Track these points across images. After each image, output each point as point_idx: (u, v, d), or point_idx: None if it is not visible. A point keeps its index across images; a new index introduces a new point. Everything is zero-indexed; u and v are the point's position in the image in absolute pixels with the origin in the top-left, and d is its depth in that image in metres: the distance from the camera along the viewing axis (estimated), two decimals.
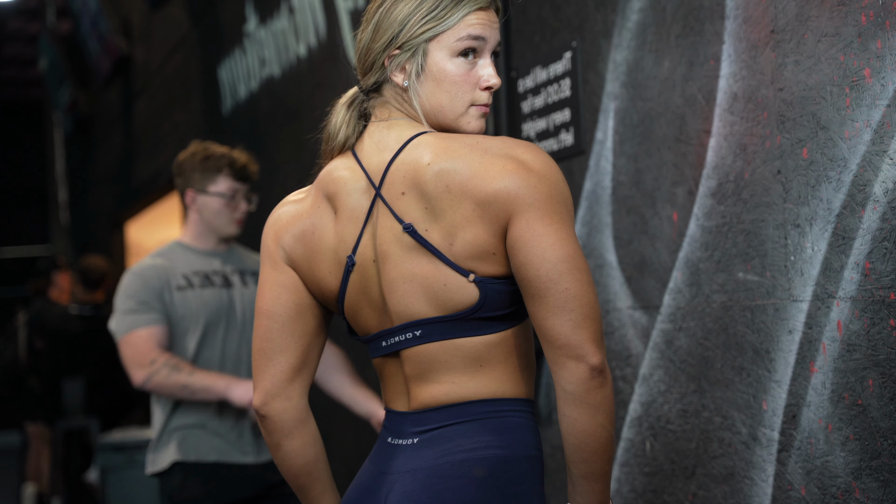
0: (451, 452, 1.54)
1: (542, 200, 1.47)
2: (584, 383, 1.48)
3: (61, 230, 11.25)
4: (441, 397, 1.56)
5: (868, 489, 1.73)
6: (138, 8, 7.44)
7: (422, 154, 1.53)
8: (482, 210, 1.49)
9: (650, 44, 2.30)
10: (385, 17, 1.56)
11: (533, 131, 2.78)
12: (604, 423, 1.49)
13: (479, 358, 1.56)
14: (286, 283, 1.63)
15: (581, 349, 1.47)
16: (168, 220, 8.10)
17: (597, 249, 2.52)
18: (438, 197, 1.50)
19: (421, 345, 1.56)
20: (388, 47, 1.56)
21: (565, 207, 1.49)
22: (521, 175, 1.48)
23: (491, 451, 1.53)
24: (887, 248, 1.68)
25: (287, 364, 1.63)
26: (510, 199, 1.47)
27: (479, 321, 1.55)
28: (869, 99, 1.71)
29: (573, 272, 1.48)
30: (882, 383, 1.70)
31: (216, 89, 5.72)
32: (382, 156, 1.56)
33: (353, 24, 3.86)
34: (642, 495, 2.35)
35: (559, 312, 1.48)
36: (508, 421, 1.56)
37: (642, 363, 2.35)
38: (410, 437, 1.57)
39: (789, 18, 1.89)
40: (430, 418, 1.57)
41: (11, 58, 12.37)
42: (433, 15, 1.54)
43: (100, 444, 5.04)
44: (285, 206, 1.67)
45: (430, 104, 1.57)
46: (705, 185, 2.13)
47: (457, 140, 1.54)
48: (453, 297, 1.53)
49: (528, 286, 1.49)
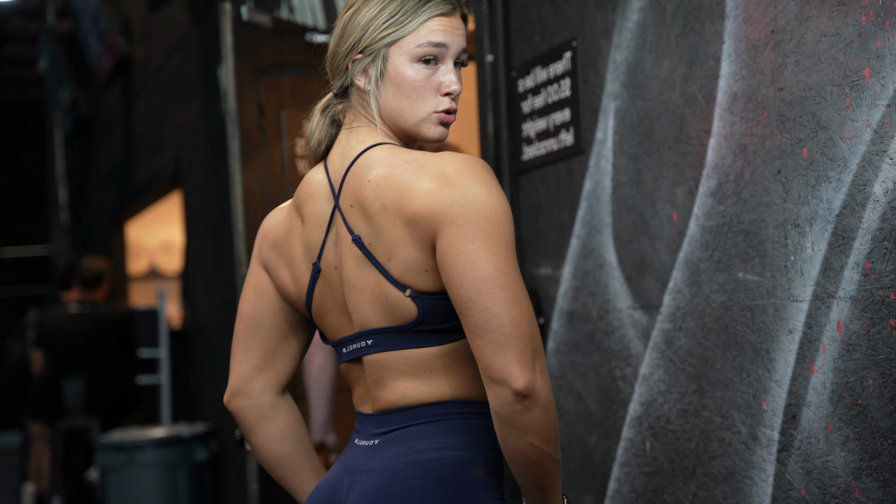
0: (407, 453, 1.55)
1: (464, 218, 1.44)
2: (508, 406, 1.43)
3: (61, 230, 11.24)
4: (397, 400, 1.58)
5: (868, 489, 1.73)
6: (138, 8, 7.44)
7: (368, 168, 1.53)
8: (411, 228, 1.48)
9: (650, 44, 2.30)
10: (350, 22, 1.57)
11: (533, 131, 2.78)
12: (535, 443, 1.45)
13: (430, 366, 1.56)
14: (258, 286, 1.71)
15: (503, 373, 1.42)
16: (168, 220, 8.10)
17: (597, 249, 2.52)
18: (376, 214, 1.51)
19: (374, 353, 1.58)
20: (352, 51, 1.57)
21: (492, 223, 1.44)
22: (444, 192, 1.45)
23: (445, 453, 1.54)
24: (887, 247, 1.69)
25: (248, 363, 1.72)
26: (432, 218, 1.46)
27: (423, 333, 1.55)
28: (869, 99, 1.71)
29: (493, 291, 1.42)
30: (882, 383, 1.70)
31: (216, 89, 5.72)
32: (344, 164, 1.58)
33: None
34: (642, 495, 2.35)
35: (480, 333, 1.43)
36: (464, 423, 1.57)
37: (642, 363, 2.35)
38: (372, 438, 1.60)
39: (789, 18, 1.89)
40: (389, 420, 1.59)
41: (11, 58, 12.36)
42: (394, 20, 1.54)
43: (100, 443, 5.05)
44: (274, 214, 1.73)
45: (389, 108, 1.57)
46: (705, 184, 2.13)
47: (401, 155, 1.52)
48: (395, 310, 1.54)
49: (455, 305, 1.47)
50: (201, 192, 6.05)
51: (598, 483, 2.52)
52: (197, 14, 6.08)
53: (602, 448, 2.51)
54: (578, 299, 2.60)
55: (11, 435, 11.23)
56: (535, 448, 1.46)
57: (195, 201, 6.19)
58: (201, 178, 6.09)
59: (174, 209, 7.37)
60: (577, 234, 2.59)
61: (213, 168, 5.86)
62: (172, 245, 8.96)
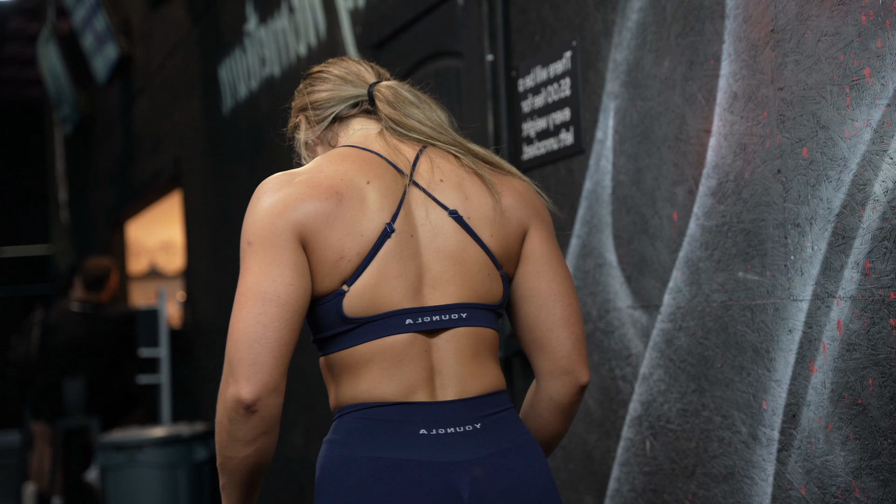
0: (523, 432, 1.64)
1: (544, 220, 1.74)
2: (570, 396, 1.71)
3: (61, 230, 11.24)
4: (490, 384, 1.63)
5: (868, 489, 1.73)
6: (138, 7, 7.44)
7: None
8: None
9: (650, 43, 2.30)
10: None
11: (533, 131, 2.78)
12: (568, 427, 1.75)
13: (497, 350, 1.69)
14: (297, 265, 1.54)
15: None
16: (168, 220, 8.09)
17: (597, 249, 2.52)
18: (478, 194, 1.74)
19: (469, 326, 1.61)
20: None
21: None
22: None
23: (531, 436, 1.67)
24: (887, 247, 1.69)
25: (286, 357, 1.53)
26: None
27: (498, 316, 1.71)
28: (869, 98, 1.71)
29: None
30: (882, 383, 1.70)
31: (216, 89, 5.72)
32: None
33: (352, 23, 3.86)
34: (642, 495, 2.35)
35: (561, 325, 1.75)
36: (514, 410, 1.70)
37: (642, 363, 2.35)
38: (466, 424, 1.57)
39: (789, 18, 1.89)
40: (485, 404, 1.61)
41: (11, 58, 12.36)
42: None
43: (100, 443, 5.04)
44: (295, 183, 1.77)
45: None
46: (705, 184, 2.13)
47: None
48: (493, 287, 1.68)
49: (539, 299, 1.73)
50: (201, 192, 6.05)
51: (598, 482, 2.52)
52: (197, 14, 6.08)
53: (602, 447, 2.51)
54: (579, 299, 2.60)
55: (12, 434, 11.24)
56: (565, 431, 1.75)
57: (195, 201, 6.19)
58: (201, 177, 6.09)
59: (174, 209, 7.37)
60: (577, 234, 2.59)
61: (213, 167, 5.86)
62: (172, 245, 8.96)
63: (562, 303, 1.65)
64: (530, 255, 1.66)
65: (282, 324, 1.50)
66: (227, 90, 5.53)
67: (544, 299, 1.65)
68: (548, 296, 1.65)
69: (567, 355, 1.66)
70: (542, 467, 1.61)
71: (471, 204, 1.62)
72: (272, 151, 4.70)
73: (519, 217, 1.66)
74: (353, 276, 1.55)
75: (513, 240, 1.65)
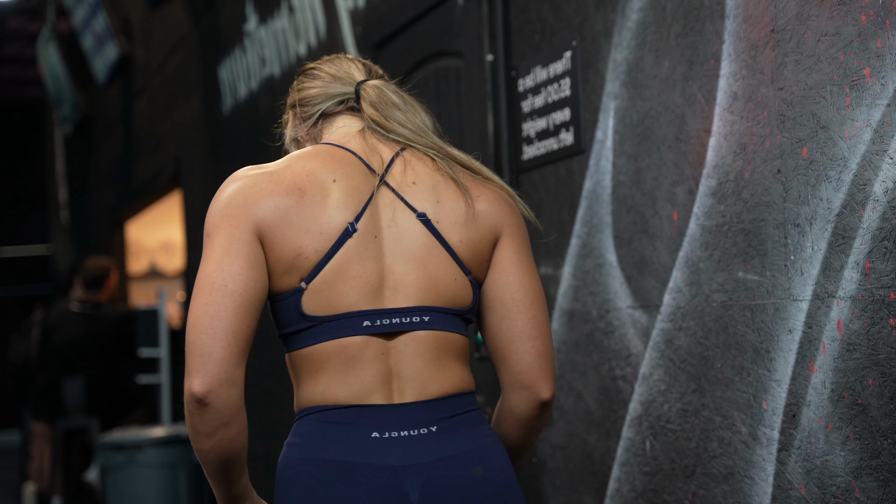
0: (483, 435, 1.61)
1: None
2: (531, 411, 1.68)
3: (61, 230, 11.24)
4: (452, 386, 1.60)
5: (868, 489, 1.73)
6: (138, 7, 7.44)
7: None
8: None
9: (650, 43, 2.30)
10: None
11: (533, 131, 2.78)
12: (533, 439, 1.71)
13: (466, 354, 1.66)
14: (250, 257, 1.53)
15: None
16: (168, 220, 8.09)
17: (597, 249, 2.52)
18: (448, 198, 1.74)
19: (431, 330, 1.59)
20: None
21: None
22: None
23: (495, 438, 1.64)
24: (887, 247, 1.69)
25: (237, 347, 1.49)
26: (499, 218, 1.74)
27: (465, 322, 1.69)
28: (869, 98, 1.71)
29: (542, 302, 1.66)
30: (882, 383, 1.70)
31: (216, 89, 5.72)
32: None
33: (352, 23, 3.86)
34: (642, 495, 2.35)
35: (523, 337, 1.70)
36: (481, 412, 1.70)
37: (642, 363, 2.35)
38: (422, 427, 1.55)
39: (789, 18, 1.89)
40: (445, 406, 1.58)
41: (11, 58, 12.36)
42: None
43: (100, 443, 5.04)
44: (258, 175, 1.82)
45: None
46: (705, 184, 2.13)
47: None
48: (460, 293, 1.67)
49: (500, 308, 1.71)
50: (201, 192, 6.05)
51: (598, 483, 2.52)
52: (197, 14, 6.08)
53: (602, 447, 2.51)
54: (578, 299, 2.60)
55: (12, 434, 11.24)
56: (531, 443, 1.71)
57: (195, 201, 6.19)
58: (201, 177, 6.09)
59: (174, 209, 7.37)
60: (577, 234, 2.59)
61: (213, 167, 5.86)
62: (172, 245, 8.96)
63: (525, 315, 1.62)
64: (498, 264, 1.64)
65: (230, 314, 1.48)
66: (227, 90, 5.53)
67: (507, 310, 1.62)
68: (511, 307, 1.62)
69: (526, 370, 1.62)
70: (500, 469, 1.58)
71: (442, 208, 1.61)
72: (272, 151, 4.69)
73: (492, 223, 1.64)
74: (311, 273, 1.54)
75: (484, 245, 1.63)
